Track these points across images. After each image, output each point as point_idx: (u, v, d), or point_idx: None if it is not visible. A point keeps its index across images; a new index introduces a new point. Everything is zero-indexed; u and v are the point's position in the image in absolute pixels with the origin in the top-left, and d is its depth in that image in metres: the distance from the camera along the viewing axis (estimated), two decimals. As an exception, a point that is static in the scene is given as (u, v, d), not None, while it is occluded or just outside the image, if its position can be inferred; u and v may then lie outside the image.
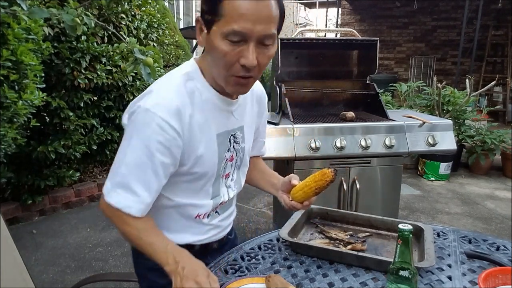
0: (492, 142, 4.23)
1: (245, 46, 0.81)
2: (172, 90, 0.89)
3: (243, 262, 1.09)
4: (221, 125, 0.97)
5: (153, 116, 0.84)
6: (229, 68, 0.84)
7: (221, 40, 0.81)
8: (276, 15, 0.84)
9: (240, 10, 0.78)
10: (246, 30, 0.79)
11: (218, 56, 0.83)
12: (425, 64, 9.05)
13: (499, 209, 3.59)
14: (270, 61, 0.91)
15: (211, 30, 0.82)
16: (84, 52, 2.60)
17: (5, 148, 2.11)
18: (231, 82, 0.86)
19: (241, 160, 1.08)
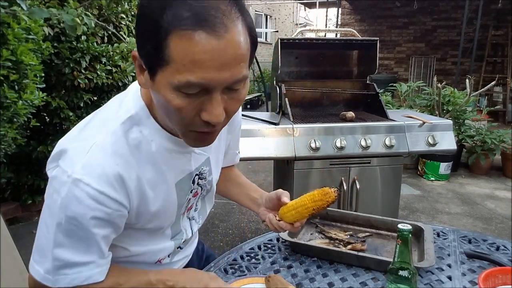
0: (492, 142, 4.23)
1: (207, 97, 0.61)
2: (109, 150, 0.68)
3: (243, 262, 1.09)
4: (181, 171, 0.81)
5: (86, 188, 0.65)
6: (187, 124, 0.64)
7: (172, 92, 0.60)
8: (246, 50, 0.62)
9: (195, 55, 0.56)
10: (206, 80, 0.58)
11: (170, 110, 0.62)
12: (425, 64, 9.05)
13: (499, 209, 3.59)
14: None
15: (156, 76, 0.60)
16: (84, 52, 2.60)
17: (5, 148, 2.11)
18: (191, 137, 0.68)
19: (208, 191, 0.95)
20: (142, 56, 0.62)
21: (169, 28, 0.56)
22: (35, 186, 2.92)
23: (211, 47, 0.56)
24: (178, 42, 0.56)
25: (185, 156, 0.81)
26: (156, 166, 0.75)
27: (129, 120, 0.71)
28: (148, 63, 0.62)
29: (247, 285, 0.93)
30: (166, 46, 0.56)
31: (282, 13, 16.42)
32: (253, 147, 1.99)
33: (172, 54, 0.57)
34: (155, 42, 0.57)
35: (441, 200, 3.82)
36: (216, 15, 0.56)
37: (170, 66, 0.58)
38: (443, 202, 3.75)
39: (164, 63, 0.58)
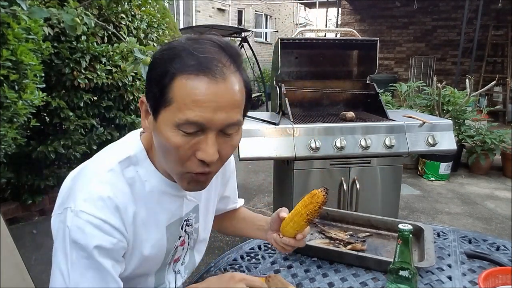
0: (492, 142, 4.23)
1: (203, 137, 0.67)
2: (107, 184, 0.72)
3: (243, 262, 1.09)
4: (172, 214, 0.82)
5: (89, 218, 0.68)
6: (184, 164, 0.69)
7: (172, 131, 0.66)
8: (241, 99, 0.69)
9: (196, 95, 0.63)
10: (204, 119, 0.64)
11: (168, 149, 0.68)
12: (425, 64, 9.05)
13: (499, 209, 3.59)
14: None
15: (159, 116, 0.67)
16: (84, 52, 2.60)
17: (5, 148, 2.11)
18: (186, 179, 0.72)
19: (195, 241, 0.95)
20: (149, 99, 0.69)
21: (175, 72, 0.65)
22: (35, 186, 2.92)
23: (210, 90, 0.64)
24: (181, 84, 0.64)
25: (178, 200, 0.83)
26: (149, 206, 0.77)
27: (127, 159, 0.76)
28: (153, 105, 0.69)
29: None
30: (171, 88, 0.65)
31: (282, 13, 16.42)
32: (253, 147, 1.99)
33: (175, 95, 0.64)
34: (162, 85, 0.66)
35: (441, 200, 3.82)
36: (217, 65, 0.65)
37: (172, 106, 0.65)
38: (443, 202, 3.75)
39: (167, 103, 0.65)
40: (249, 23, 13.14)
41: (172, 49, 0.67)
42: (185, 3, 9.84)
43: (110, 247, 0.70)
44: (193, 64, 0.64)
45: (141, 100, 0.73)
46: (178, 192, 0.81)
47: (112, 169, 0.74)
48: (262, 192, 3.96)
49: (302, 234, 0.88)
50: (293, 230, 0.88)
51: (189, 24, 9.70)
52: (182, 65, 0.65)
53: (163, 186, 0.78)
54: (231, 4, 12.11)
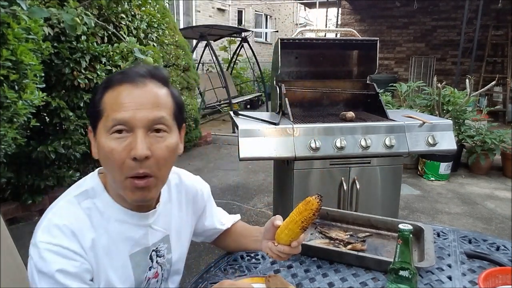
0: (492, 142, 4.23)
1: (133, 137, 0.73)
2: (64, 214, 0.76)
3: (243, 262, 1.09)
4: (135, 243, 0.83)
5: (46, 246, 0.71)
6: (121, 167, 0.73)
7: (106, 138, 0.73)
8: (167, 101, 0.78)
9: (119, 99, 0.73)
10: (128, 117, 0.72)
11: (107, 156, 0.74)
12: (425, 64, 9.05)
13: (499, 209, 3.59)
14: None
15: (97, 131, 0.76)
16: (84, 52, 2.60)
17: (5, 148, 2.11)
18: (128, 187, 0.75)
19: (168, 272, 0.95)
20: (91, 123, 0.79)
21: (105, 88, 0.76)
22: (35, 186, 2.92)
23: (131, 93, 0.74)
24: (109, 95, 0.75)
25: (141, 229, 0.84)
26: (110, 235, 0.79)
27: (84, 193, 0.80)
28: (92, 123, 0.78)
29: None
30: (102, 101, 0.75)
31: (282, 13, 16.42)
32: (253, 147, 1.99)
33: (105, 104, 0.75)
34: (96, 102, 0.77)
35: (441, 200, 3.82)
36: (139, 78, 0.76)
37: (105, 115, 0.74)
38: (443, 202, 3.75)
39: (101, 115, 0.75)
40: (249, 23, 13.14)
41: (107, 78, 0.80)
42: (185, 3, 9.84)
43: (73, 270, 0.72)
44: (118, 78, 0.76)
45: (88, 130, 0.81)
46: (140, 221, 0.84)
47: (68, 200, 0.79)
48: (262, 192, 3.96)
49: (297, 242, 0.87)
50: (288, 238, 0.87)
51: (189, 24, 9.70)
52: (110, 81, 0.77)
53: (122, 216, 0.81)
54: (231, 4, 12.10)
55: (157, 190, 0.81)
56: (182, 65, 5.37)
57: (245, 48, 8.77)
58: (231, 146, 5.84)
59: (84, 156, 3.01)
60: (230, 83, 8.24)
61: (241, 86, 9.96)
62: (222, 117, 8.08)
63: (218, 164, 4.92)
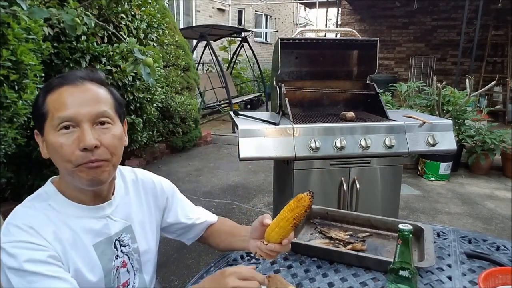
0: (492, 142, 4.23)
1: (80, 131, 0.79)
2: (19, 216, 0.80)
3: (243, 262, 1.09)
4: (97, 233, 0.87)
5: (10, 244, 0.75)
6: (71, 159, 0.79)
7: (54, 135, 0.79)
8: (107, 97, 0.85)
9: (62, 99, 0.80)
10: (72, 113, 0.79)
11: (56, 151, 0.80)
12: (425, 64, 9.05)
13: (499, 209, 3.59)
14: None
15: (44, 131, 0.81)
16: (84, 52, 2.60)
17: (5, 148, 2.11)
18: (83, 173, 0.80)
19: (139, 262, 0.97)
20: (37, 126, 0.84)
21: (46, 92, 0.82)
22: (35, 186, 2.92)
23: (73, 93, 0.81)
24: (51, 97, 0.81)
25: (100, 220, 0.89)
26: (71, 228, 0.83)
27: (37, 197, 0.86)
28: (38, 126, 0.83)
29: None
30: (45, 104, 0.81)
31: (282, 13, 16.42)
32: (253, 147, 1.99)
33: (49, 106, 0.81)
34: (39, 106, 0.82)
35: (441, 200, 3.82)
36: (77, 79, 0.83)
37: (49, 115, 0.80)
38: (443, 202, 3.75)
39: (46, 116, 0.81)
40: (249, 23, 13.13)
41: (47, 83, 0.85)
42: (185, 3, 9.84)
43: (41, 258, 0.75)
44: (58, 81, 0.83)
45: (35, 134, 0.86)
46: (97, 214, 0.88)
47: (22, 205, 0.84)
48: (262, 192, 3.96)
49: (287, 239, 0.87)
50: (279, 236, 0.86)
51: (189, 24, 9.70)
52: (50, 85, 0.83)
53: (78, 211, 0.86)
54: (231, 4, 12.10)
55: (110, 173, 0.85)
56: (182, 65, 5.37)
57: (245, 48, 8.77)
58: (231, 146, 5.84)
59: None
60: (230, 83, 8.24)
61: (241, 86, 9.96)
62: (222, 117, 8.08)
63: (218, 164, 4.92)
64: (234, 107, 7.18)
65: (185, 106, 5.20)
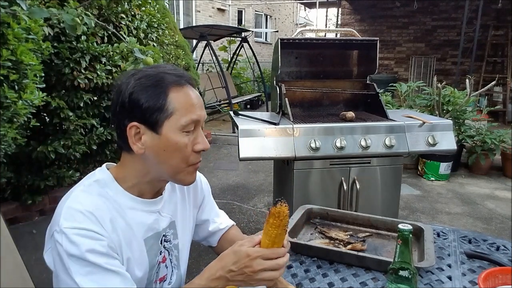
0: (492, 142, 4.23)
1: (196, 132, 0.84)
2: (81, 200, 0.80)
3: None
4: (148, 228, 0.88)
5: (73, 231, 0.75)
6: (188, 159, 0.84)
7: (178, 134, 0.81)
8: None
9: (191, 100, 0.83)
10: (200, 117, 0.83)
11: (177, 150, 0.82)
12: (425, 64, 9.05)
13: (499, 209, 3.59)
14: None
15: (163, 129, 0.81)
16: (84, 52, 2.60)
17: (5, 148, 2.11)
18: (191, 171, 0.87)
19: (177, 259, 0.98)
20: (147, 120, 0.80)
21: (167, 89, 0.81)
22: (35, 186, 2.92)
23: (195, 95, 0.84)
24: (176, 95, 0.81)
25: (151, 215, 0.89)
26: (125, 219, 0.83)
27: (95, 183, 0.84)
28: (154, 122, 0.80)
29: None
30: (168, 102, 0.80)
31: (282, 13, 16.41)
32: (253, 147, 1.99)
33: (175, 105, 0.80)
34: (159, 103, 0.80)
35: (441, 200, 3.82)
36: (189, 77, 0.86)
37: (175, 114, 0.80)
38: (443, 202, 3.75)
39: (169, 114, 0.80)
40: (249, 23, 13.13)
41: (149, 76, 0.82)
42: (185, 3, 9.84)
43: (102, 249, 0.75)
44: (176, 79, 0.82)
45: (130, 127, 0.81)
46: (150, 208, 0.89)
47: (81, 189, 0.83)
48: (262, 192, 3.96)
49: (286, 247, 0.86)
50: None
51: (189, 24, 9.70)
52: (169, 81, 0.81)
53: (133, 203, 0.86)
54: (231, 4, 12.10)
55: None
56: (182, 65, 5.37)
57: (245, 48, 8.77)
58: (231, 146, 5.84)
59: (84, 156, 3.01)
60: (230, 83, 8.24)
61: (241, 86, 9.96)
62: (222, 117, 8.08)
63: (218, 164, 4.92)
64: (234, 107, 7.18)
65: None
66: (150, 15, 3.22)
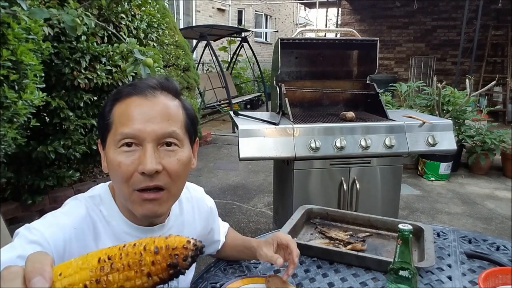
0: (492, 142, 4.23)
1: (142, 151, 0.70)
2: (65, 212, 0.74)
3: (243, 262, 1.09)
4: None
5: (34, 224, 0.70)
6: (128, 180, 0.70)
7: (115, 151, 0.71)
8: (178, 114, 0.74)
9: (128, 112, 0.71)
10: (136, 131, 0.69)
11: (114, 169, 0.71)
12: (425, 64, 9.06)
13: (499, 209, 3.59)
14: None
15: (106, 144, 0.74)
16: (84, 52, 2.60)
17: (5, 148, 2.11)
18: (137, 200, 0.72)
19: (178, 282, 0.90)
20: (101, 137, 0.76)
21: (114, 100, 0.74)
22: (35, 186, 2.92)
23: (140, 106, 0.71)
24: (118, 107, 0.73)
25: None
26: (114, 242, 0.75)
27: (91, 198, 0.78)
28: (101, 137, 0.76)
29: (247, 285, 0.93)
30: (111, 114, 0.73)
31: (282, 13, 16.41)
32: (253, 147, 1.99)
33: (114, 117, 0.73)
34: (105, 115, 0.74)
35: (441, 200, 3.82)
36: (149, 90, 0.73)
37: (113, 128, 0.72)
38: (443, 202, 3.75)
39: (109, 127, 0.73)
40: (249, 23, 13.13)
41: (117, 90, 0.76)
42: (185, 3, 9.84)
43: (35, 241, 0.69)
44: (128, 90, 0.74)
45: (98, 143, 0.79)
46: (143, 234, 0.79)
47: (75, 198, 0.78)
48: (262, 192, 3.96)
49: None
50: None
51: (189, 24, 9.70)
52: (119, 94, 0.74)
53: (126, 227, 0.78)
54: (231, 4, 12.10)
55: (168, 205, 0.77)
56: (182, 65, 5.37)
57: (245, 48, 8.77)
58: (231, 146, 5.84)
59: (84, 156, 3.01)
60: (230, 83, 8.24)
61: (241, 86, 9.96)
62: (222, 117, 8.08)
63: (218, 164, 4.92)
64: (234, 107, 7.18)
65: (185, 106, 5.19)
66: (150, 15, 3.22)
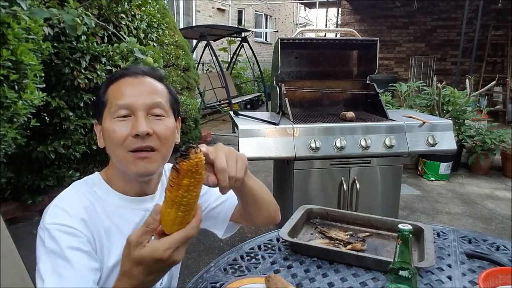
0: (492, 142, 4.23)
1: (134, 118, 0.82)
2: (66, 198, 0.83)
3: (243, 262, 1.09)
4: (136, 226, 0.86)
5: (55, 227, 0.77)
6: (123, 143, 0.81)
7: (111, 121, 0.83)
8: (163, 91, 0.89)
9: (121, 89, 0.85)
10: (129, 102, 0.83)
11: (110, 136, 0.83)
12: (425, 64, 9.06)
13: (499, 209, 3.59)
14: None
15: (103, 118, 0.85)
16: (84, 52, 2.60)
17: (5, 148, 2.11)
18: (131, 160, 0.82)
19: None
20: (97, 115, 0.88)
21: (108, 82, 0.88)
22: (35, 186, 2.92)
23: (132, 84, 0.86)
24: (112, 87, 0.87)
25: (139, 212, 0.89)
26: (111, 218, 0.86)
27: (84, 182, 0.89)
28: (98, 114, 0.88)
29: (247, 285, 0.93)
30: (106, 93, 0.87)
31: (282, 13, 16.41)
32: (253, 147, 1.99)
33: (109, 95, 0.86)
34: (100, 95, 0.88)
35: (441, 200, 3.82)
36: (138, 71, 0.88)
37: (109, 103, 0.85)
38: (443, 202, 3.75)
39: (105, 104, 0.86)
40: (249, 23, 13.13)
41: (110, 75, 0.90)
42: (185, 3, 9.84)
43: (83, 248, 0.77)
44: (120, 73, 0.88)
45: (95, 125, 0.91)
46: (138, 206, 0.90)
47: (70, 189, 0.87)
48: (262, 192, 3.95)
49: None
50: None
51: (189, 24, 9.70)
52: (113, 77, 0.88)
53: (121, 201, 0.88)
54: (231, 4, 12.10)
55: (159, 164, 0.86)
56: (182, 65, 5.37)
57: (245, 48, 8.77)
58: (231, 146, 5.84)
59: (84, 156, 3.01)
60: (230, 83, 8.24)
61: (241, 86, 9.96)
62: (222, 117, 8.07)
63: (218, 164, 4.91)
64: (234, 107, 7.18)
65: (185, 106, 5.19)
66: (150, 15, 3.22)
